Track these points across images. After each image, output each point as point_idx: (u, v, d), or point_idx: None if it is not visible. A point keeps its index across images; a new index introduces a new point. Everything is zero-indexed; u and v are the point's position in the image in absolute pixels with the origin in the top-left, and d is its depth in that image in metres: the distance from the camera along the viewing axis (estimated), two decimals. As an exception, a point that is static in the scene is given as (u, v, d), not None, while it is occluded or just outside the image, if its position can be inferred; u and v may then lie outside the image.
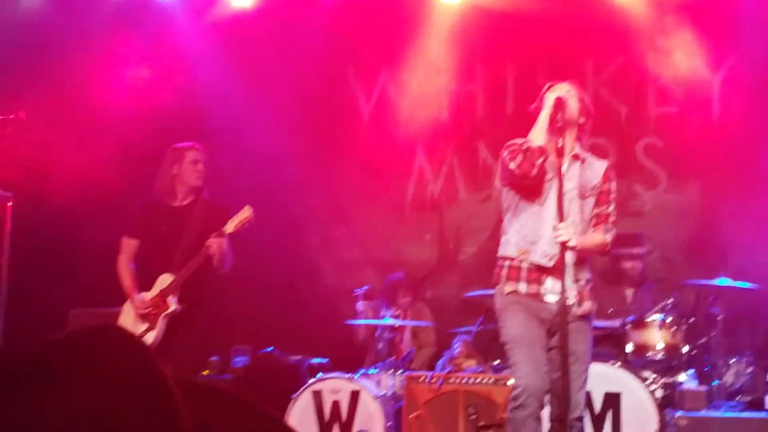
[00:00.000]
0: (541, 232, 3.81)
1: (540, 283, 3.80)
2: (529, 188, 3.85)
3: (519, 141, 3.88)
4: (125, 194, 6.12)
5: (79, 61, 6.97)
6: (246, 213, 4.76)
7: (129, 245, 4.97)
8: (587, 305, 3.83)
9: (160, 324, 4.79)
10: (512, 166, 3.76)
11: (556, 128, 3.79)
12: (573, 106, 3.87)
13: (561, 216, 3.69)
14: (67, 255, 6.80)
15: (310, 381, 5.63)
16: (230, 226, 4.75)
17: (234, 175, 6.64)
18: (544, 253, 3.79)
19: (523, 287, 3.80)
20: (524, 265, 3.82)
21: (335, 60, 7.49)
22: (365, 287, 6.47)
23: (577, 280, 3.82)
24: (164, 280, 4.82)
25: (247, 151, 7.10)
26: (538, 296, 3.79)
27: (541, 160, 3.75)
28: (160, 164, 5.01)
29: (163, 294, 4.79)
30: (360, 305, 6.42)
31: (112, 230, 5.32)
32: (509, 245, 3.90)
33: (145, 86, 7.30)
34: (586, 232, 3.87)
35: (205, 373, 6.40)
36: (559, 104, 3.80)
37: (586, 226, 3.89)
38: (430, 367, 6.21)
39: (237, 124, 7.16)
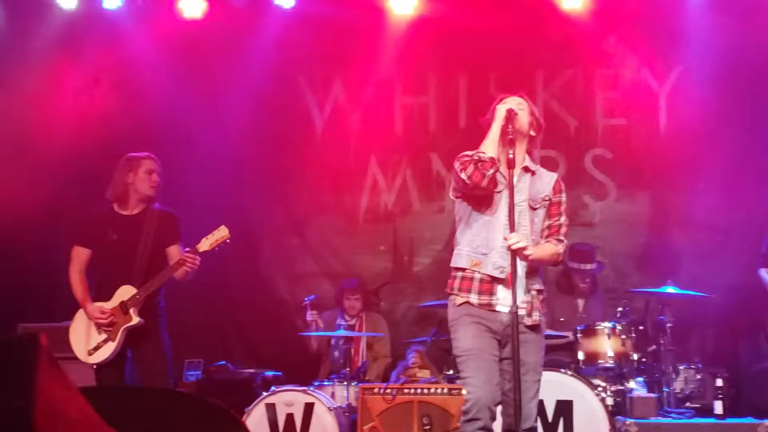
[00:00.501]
0: (492, 243, 3.84)
1: (492, 294, 3.82)
2: (481, 199, 3.88)
3: (470, 152, 3.92)
4: (73, 205, 6.03)
5: (24, 73, 6.86)
6: (222, 233, 4.75)
7: (80, 254, 4.91)
8: (537, 316, 3.86)
9: (120, 336, 4.74)
10: (463, 176, 3.79)
11: (507, 140, 3.83)
12: (524, 118, 3.92)
13: (512, 226, 3.73)
14: (14, 269, 6.66)
15: (264, 394, 5.59)
16: (205, 244, 4.73)
17: (186, 186, 6.58)
18: (495, 265, 3.82)
19: (474, 298, 3.82)
20: (476, 276, 3.85)
21: (288, 70, 7.47)
22: (312, 296, 6.46)
23: (528, 291, 3.85)
24: (125, 291, 4.76)
25: (200, 163, 7.04)
26: (489, 306, 3.81)
27: (491, 171, 3.78)
28: (114, 172, 4.97)
29: (125, 305, 4.74)
30: (309, 315, 6.40)
31: (61, 243, 5.24)
32: (461, 256, 3.92)
33: (95, 97, 7.20)
34: (537, 243, 3.91)
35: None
36: (510, 116, 3.85)
37: (537, 237, 3.92)
38: (385, 378, 6.21)
39: (189, 135, 7.10)
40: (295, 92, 7.57)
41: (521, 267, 3.78)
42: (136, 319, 4.74)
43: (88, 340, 4.78)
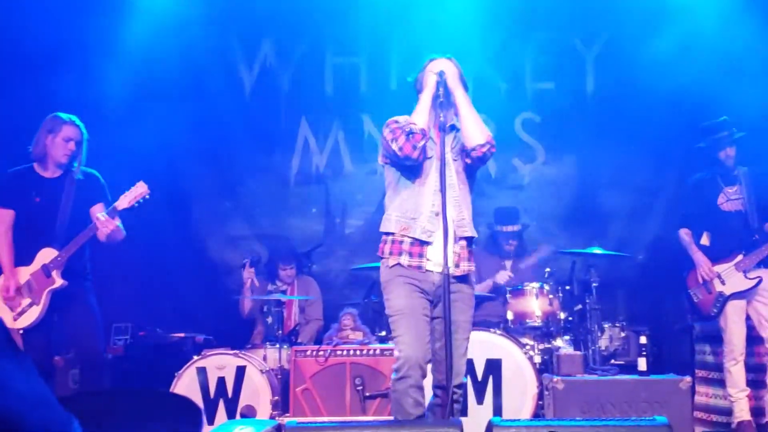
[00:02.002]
0: (421, 208, 3.88)
1: (421, 255, 3.86)
2: (410, 168, 3.91)
3: (401, 120, 3.92)
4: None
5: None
6: (140, 189, 4.66)
7: (5, 216, 4.77)
8: (465, 266, 3.91)
9: (45, 299, 4.64)
10: (394, 147, 3.82)
11: (438, 104, 3.88)
12: (452, 82, 3.94)
13: (444, 196, 3.74)
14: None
15: (195, 357, 5.55)
16: (124, 202, 4.65)
17: (113, 149, 6.41)
18: (423, 229, 3.86)
19: (405, 259, 3.86)
20: (406, 239, 3.88)
21: (217, 28, 7.32)
22: (251, 256, 6.42)
23: (457, 241, 3.88)
24: (47, 254, 4.68)
25: (127, 124, 6.87)
26: (420, 267, 3.85)
27: (422, 142, 3.83)
28: (39, 129, 4.82)
29: (47, 268, 4.64)
30: (246, 273, 6.37)
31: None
32: (390, 221, 3.95)
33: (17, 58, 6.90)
34: (464, 186, 3.95)
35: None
36: (440, 82, 3.88)
37: (464, 184, 3.97)
38: (317, 340, 6.23)
39: (116, 96, 6.90)
40: (223, 51, 7.42)
41: (451, 225, 3.81)
42: (59, 282, 4.65)
43: (14, 305, 4.67)
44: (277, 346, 5.75)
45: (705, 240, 5.52)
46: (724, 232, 5.42)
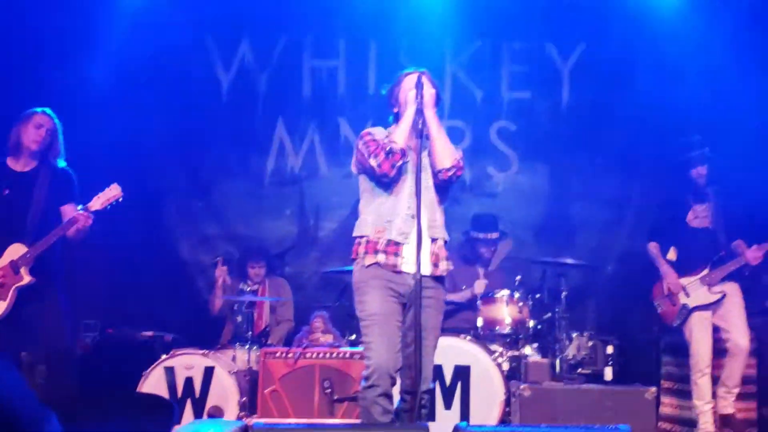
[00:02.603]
0: (397, 210, 3.89)
1: (397, 255, 3.86)
2: (386, 183, 3.91)
3: (376, 133, 3.94)
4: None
5: None
6: (114, 191, 4.65)
7: None
8: (444, 266, 3.93)
9: (11, 295, 4.60)
10: (373, 163, 3.82)
11: (417, 110, 3.87)
12: (427, 93, 3.94)
13: (418, 204, 3.74)
14: None
15: (163, 356, 5.52)
16: (97, 203, 4.62)
17: (86, 146, 6.36)
18: (399, 231, 3.87)
19: (381, 258, 3.85)
20: (381, 240, 3.88)
21: (193, 27, 7.29)
22: (224, 255, 6.41)
23: (434, 240, 3.89)
24: (16, 249, 4.63)
25: (100, 121, 6.82)
26: (395, 267, 3.85)
27: (401, 161, 3.84)
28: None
29: (15, 264, 4.60)
30: (217, 272, 6.36)
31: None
32: (366, 224, 3.94)
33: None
34: (437, 193, 3.98)
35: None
36: (420, 90, 3.87)
37: (436, 195, 3.98)
38: (287, 342, 6.23)
39: (91, 92, 6.86)
40: (200, 50, 7.41)
41: (426, 226, 3.83)
42: (27, 278, 4.61)
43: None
44: (247, 347, 5.74)
45: (672, 255, 5.62)
46: (691, 247, 5.52)
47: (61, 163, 4.86)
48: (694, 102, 6.71)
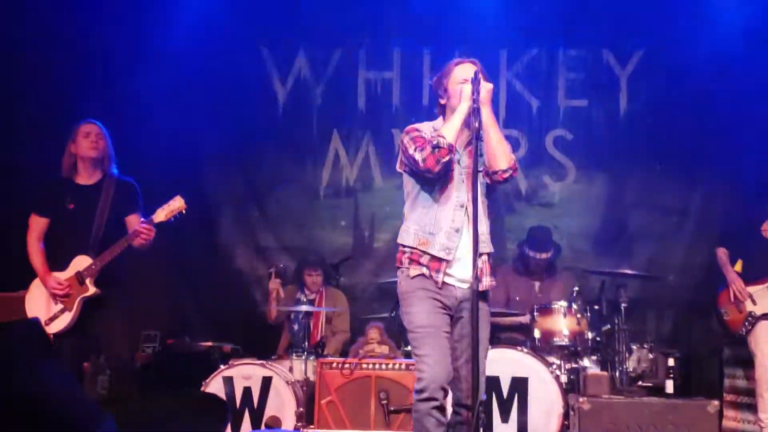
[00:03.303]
0: (440, 224, 3.76)
1: (439, 271, 3.74)
2: (431, 180, 3.79)
3: (423, 129, 3.84)
4: (28, 173, 5.92)
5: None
6: (178, 203, 4.70)
7: (38, 223, 4.84)
8: (486, 281, 3.83)
9: (76, 306, 4.69)
10: (417, 157, 3.68)
11: (473, 109, 3.67)
12: (485, 87, 3.74)
13: (476, 219, 3.62)
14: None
15: (222, 367, 5.58)
16: (161, 215, 4.69)
17: (145, 158, 6.49)
18: (442, 246, 3.74)
19: (425, 271, 3.76)
20: (425, 255, 3.76)
21: (250, 41, 7.40)
22: (281, 265, 6.44)
23: (479, 256, 3.69)
24: (81, 261, 4.71)
25: (159, 134, 6.94)
26: (438, 283, 3.74)
27: (448, 158, 3.68)
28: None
29: (81, 276, 4.69)
30: (271, 284, 6.40)
31: (15, 211, 5.16)
32: (408, 234, 3.83)
33: (49, 68, 7.00)
34: (485, 205, 3.87)
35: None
36: (477, 86, 3.68)
37: (485, 200, 3.87)
38: (343, 353, 6.24)
39: (149, 106, 6.96)
40: (257, 64, 7.50)
41: (470, 240, 3.70)
42: (92, 290, 4.70)
43: (46, 310, 4.73)
44: (303, 357, 5.77)
45: (738, 267, 5.49)
46: (761, 257, 5.39)
47: (123, 177, 4.94)
48: (760, 105, 6.52)
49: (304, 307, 6.20)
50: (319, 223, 7.45)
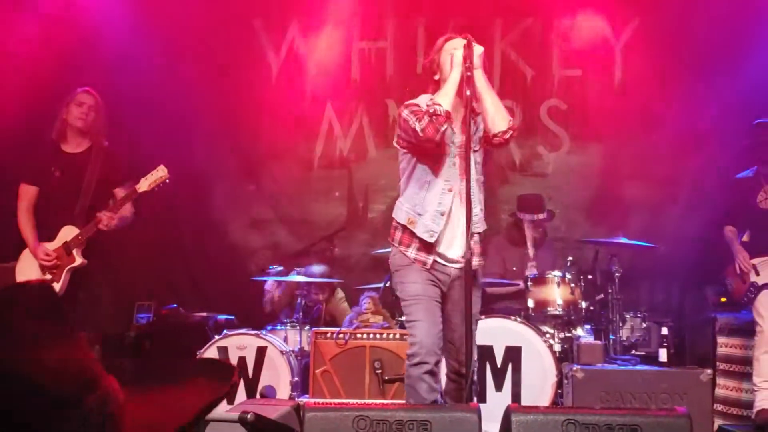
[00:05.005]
0: (427, 206, 3.81)
1: (430, 252, 3.83)
2: (427, 155, 3.82)
3: (421, 102, 3.85)
4: (19, 143, 5.87)
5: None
6: (161, 173, 4.69)
7: (27, 192, 4.83)
8: (476, 261, 3.86)
9: (64, 277, 4.69)
10: (417, 127, 3.69)
11: (466, 78, 3.71)
12: (477, 51, 3.79)
13: (468, 198, 3.67)
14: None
15: (216, 337, 5.59)
16: (144, 185, 4.67)
17: (140, 129, 6.45)
18: (426, 228, 3.81)
19: (413, 253, 3.84)
20: (414, 238, 3.85)
21: (243, 12, 7.33)
22: (278, 268, 6.38)
23: (471, 236, 3.77)
24: (68, 231, 4.71)
25: (153, 105, 6.90)
26: (426, 264, 3.83)
27: (445, 126, 3.71)
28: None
29: (68, 246, 4.68)
30: (268, 285, 6.42)
31: (5, 181, 5.14)
32: (401, 211, 3.91)
33: (44, 42, 6.92)
34: (480, 181, 3.89)
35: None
36: (469, 54, 3.72)
37: (479, 175, 3.88)
38: (338, 323, 6.25)
39: (141, 79, 6.91)
40: (249, 35, 7.43)
41: (460, 222, 3.76)
42: (79, 260, 4.69)
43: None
44: (298, 327, 5.78)
45: (745, 237, 5.55)
46: (762, 229, 5.42)
47: (112, 146, 4.90)
48: (759, 78, 6.49)
49: (299, 278, 6.13)
50: (313, 195, 7.43)
